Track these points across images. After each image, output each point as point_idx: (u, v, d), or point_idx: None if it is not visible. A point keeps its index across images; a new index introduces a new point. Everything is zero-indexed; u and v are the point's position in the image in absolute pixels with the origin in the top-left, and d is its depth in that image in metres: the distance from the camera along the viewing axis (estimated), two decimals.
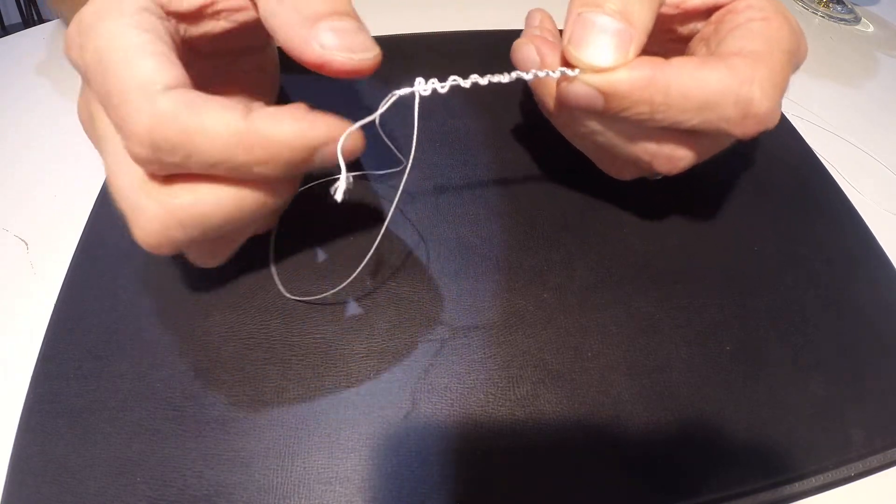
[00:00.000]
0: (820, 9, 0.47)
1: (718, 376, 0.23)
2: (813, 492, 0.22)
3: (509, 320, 0.25)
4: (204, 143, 0.18)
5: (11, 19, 1.39)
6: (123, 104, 0.18)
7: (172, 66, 0.19)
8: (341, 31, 0.19)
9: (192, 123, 0.18)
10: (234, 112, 0.18)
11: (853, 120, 0.37)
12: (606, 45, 0.19)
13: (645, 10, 0.20)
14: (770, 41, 0.21)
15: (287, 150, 0.18)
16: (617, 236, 0.28)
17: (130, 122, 0.18)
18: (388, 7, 0.44)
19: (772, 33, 0.21)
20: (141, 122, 0.18)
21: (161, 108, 0.18)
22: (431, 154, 0.31)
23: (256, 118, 0.18)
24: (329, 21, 0.19)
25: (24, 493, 0.20)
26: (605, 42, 0.20)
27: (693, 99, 0.20)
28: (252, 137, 0.18)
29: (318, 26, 0.19)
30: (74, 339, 0.24)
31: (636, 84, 0.20)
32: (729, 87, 0.20)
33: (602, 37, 0.20)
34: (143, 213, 0.19)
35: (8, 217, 0.30)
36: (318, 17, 0.19)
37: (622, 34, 0.19)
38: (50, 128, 0.35)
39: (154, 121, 0.18)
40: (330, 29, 0.19)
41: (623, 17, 0.20)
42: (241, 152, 0.18)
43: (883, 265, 0.28)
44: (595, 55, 0.20)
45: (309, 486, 0.21)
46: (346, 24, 0.19)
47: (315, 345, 0.24)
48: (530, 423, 0.22)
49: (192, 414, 0.22)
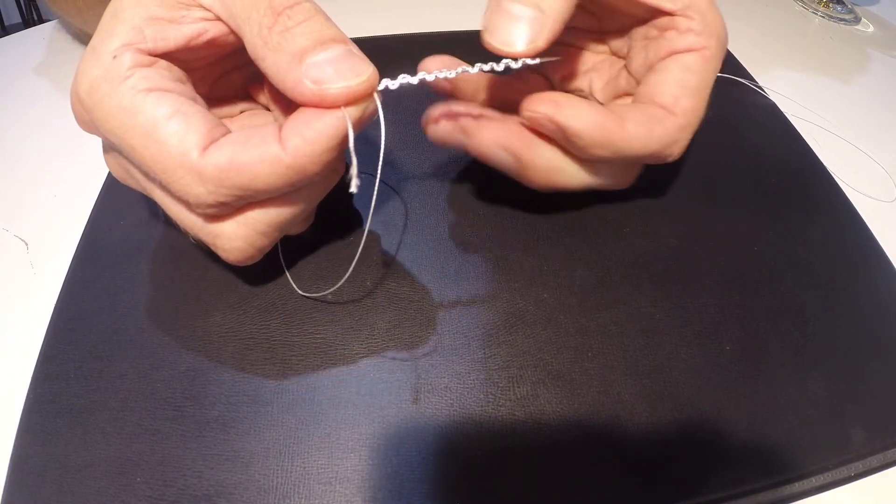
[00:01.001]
0: (820, 9, 0.47)
1: (718, 376, 0.23)
2: (813, 492, 0.22)
3: (509, 320, 0.25)
4: (258, 185, 0.19)
5: (11, 19, 1.40)
6: (169, 180, 0.19)
7: (193, 116, 0.19)
8: (329, 62, 0.19)
9: (243, 177, 0.19)
10: (272, 144, 0.19)
11: (853, 120, 0.37)
12: (519, 32, 0.21)
13: (559, 1, 0.21)
14: (699, 88, 0.23)
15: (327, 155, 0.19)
16: (617, 236, 0.28)
17: (183, 194, 0.19)
18: (388, 7, 0.44)
19: (704, 74, 0.23)
20: (193, 192, 0.19)
21: (208, 175, 0.19)
22: (432, 154, 0.31)
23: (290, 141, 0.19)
24: (314, 54, 0.18)
25: (24, 493, 0.20)
26: (518, 28, 0.21)
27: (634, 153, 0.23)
28: (296, 161, 0.19)
29: (305, 63, 0.18)
30: (75, 339, 0.24)
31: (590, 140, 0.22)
32: (658, 147, 0.23)
33: (515, 23, 0.21)
34: (224, 237, 0.21)
35: (8, 217, 0.30)
36: (303, 53, 0.18)
37: (534, 21, 0.21)
38: (50, 128, 0.35)
39: (205, 189, 0.19)
40: (317, 63, 0.18)
41: (534, 4, 0.21)
42: (293, 174, 0.19)
43: (883, 265, 0.28)
44: (507, 40, 0.21)
45: (309, 486, 0.21)
46: (331, 53, 0.19)
47: (315, 345, 0.24)
48: (530, 423, 0.22)
49: (192, 414, 0.22)
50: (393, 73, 0.20)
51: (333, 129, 0.19)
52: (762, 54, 0.41)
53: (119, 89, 0.19)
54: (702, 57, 0.23)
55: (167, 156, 0.19)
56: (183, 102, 0.19)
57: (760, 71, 0.38)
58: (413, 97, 0.21)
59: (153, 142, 0.19)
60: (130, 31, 0.20)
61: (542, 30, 0.21)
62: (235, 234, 0.21)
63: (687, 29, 0.23)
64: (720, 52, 0.24)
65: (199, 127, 0.19)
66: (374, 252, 0.27)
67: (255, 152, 0.19)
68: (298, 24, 0.19)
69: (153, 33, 0.20)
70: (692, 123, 0.24)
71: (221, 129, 0.20)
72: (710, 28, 0.23)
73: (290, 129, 0.19)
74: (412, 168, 0.30)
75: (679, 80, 0.23)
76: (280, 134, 0.19)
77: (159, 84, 0.19)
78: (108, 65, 0.19)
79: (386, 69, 0.20)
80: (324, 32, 0.19)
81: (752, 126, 0.34)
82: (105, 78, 0.19)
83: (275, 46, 0.19)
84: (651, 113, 0.23)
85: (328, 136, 0.19)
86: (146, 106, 0.19)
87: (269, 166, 0.19)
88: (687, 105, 0.23)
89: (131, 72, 0.19)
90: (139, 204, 0.29)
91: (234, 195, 0.19)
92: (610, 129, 0.22)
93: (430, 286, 0.26)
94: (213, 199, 0.19)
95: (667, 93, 0.23)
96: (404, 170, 0.30)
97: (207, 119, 0.19)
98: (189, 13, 0.20)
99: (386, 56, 0.20)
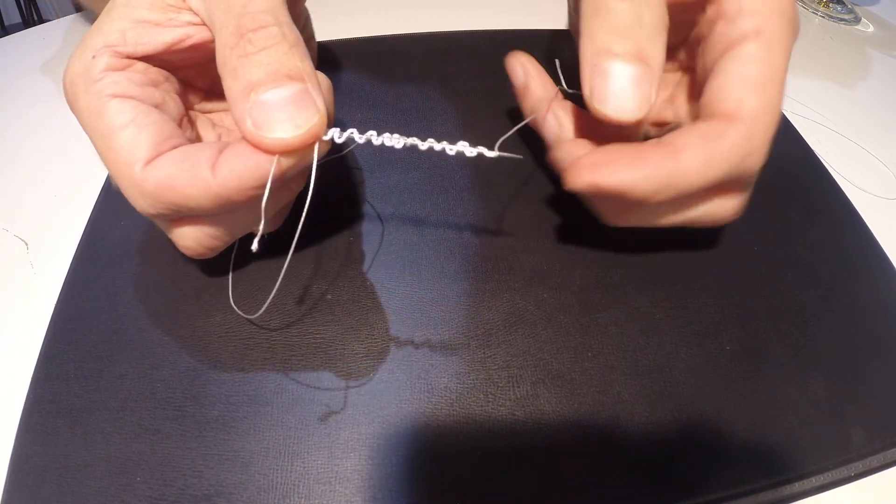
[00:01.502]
0: (820, 9, 0.47)
1: (718, 376, 0.23)
2: (813, 492, 0.22)
3: (509, 320, 0.25)
4: (190, 205, 0.19)
5: (11, 19, 1.39)
6: (120, 187, 0.20)
7: (147, 127, 0.19)
8: (275, 105, 0.17)
9: (175, 196, 0.19)
10: (203, 169, 0.18)
11: (853, 120, 0.37)
12: (629, 94, 0.19)
13: (657, 46, 0.19)
14: (766, 81, 0.20)
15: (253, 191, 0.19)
16: (617, 236, 0.28)
17: (130, 201, 0.20)
18: (388, 7, 0.44)
19: (770, 62, 0.20)
20: (137, 202, 0.20)
21: (146, 189, 0.19)
22: (432, 154, 0.31)
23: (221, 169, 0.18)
24: (264, 90, 0.17)
25: (24, 493, 0.20)
26: (628, 90, 0.19)
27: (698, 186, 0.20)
28: (223, 191, 0.18)
29: (251, 99, 0.17)
30: (75, 339, 0.24)
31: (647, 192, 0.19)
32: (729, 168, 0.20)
33: (624, 85, 0.19)
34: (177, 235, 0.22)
35: (8, 217, 0.30)
36: (254, 86, 0.17)
37: (641, 78, 0.19)
38: (50, 128, 0.35)
39: (145, 202, 0.19)
40: (262, 102, 0.17)
41: (639, 59, 0.18)
42: (222, 201, 0.19)
43: (883, 265, 0.28)
44: (620, 107, 0.19)
45: (309, 486, 0.21)
46: (282, 93, 0.17)
47: (315, 345, 0.24)
48: (530, 423, 0.22)
49: (192, 414, 0.22)
50: (391, 73, 0.20)
51: (260, 171, 0.18)
52: None
53: (90, 90, 0.19)
54: (763, 42, 0.20)
55: (116, 164, 0.19)
56: (141, 111, 0.19)
57: None
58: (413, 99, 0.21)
59: (108, 148, 0.19)
60: (115, 32, 0.20)
61: (651, 84, 0.19)
62: (187, 234, 0.22)
63: (737, 12, 0.20)
64: (787, 30, 0.20)
65: (149, 139, 0.19)
66: (374, 252, 0.27)
67: (187, 176, 0.19)
68: (259, 52, 0.18)
69: (134, 37, 0.20)
70: (766, 125, 0.20)
71: (172, 142, 0.20)
72: (765, 3, 0.20)
73: (226, 157, 0.18)
74: (412, 168, 0.30)
75: (740, 77, 0.20)
76: (216, 159, 0.18)
77: (125, 90, 0.20)
78: (86, 63, 0.20)
79: (385, 69, 0.20)
80: (282, 65, 0.18)
81: None
82: (82, 75, 0.20)
83: (231, 70, 0.18)
84: (706, 132, 0.20)
85: (253, 177, 0.18)
86: (107, 112, 0.19)
87: (199, 191, 0.19)
88: (754, 105, 0.19)
89: (102, 75, 0.20)
90: None
91: (171, 209, 0.19)
92: (662, 169, 0.19)
93: (430, 286, 0.26)
94: (154, 210, 0.20)
95: (728, 98, 0.20)
96: (404, 169, 0.30)
97: (161, 130, 0.20)
98: (178, 16, 0.20)
99: (386, 56, 0.20)
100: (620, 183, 0.19)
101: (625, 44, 0.19)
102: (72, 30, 0.42)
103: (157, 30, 0.20)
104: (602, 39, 0.19)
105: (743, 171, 0.20)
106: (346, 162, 0.23)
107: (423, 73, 0.33)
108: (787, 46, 0.20)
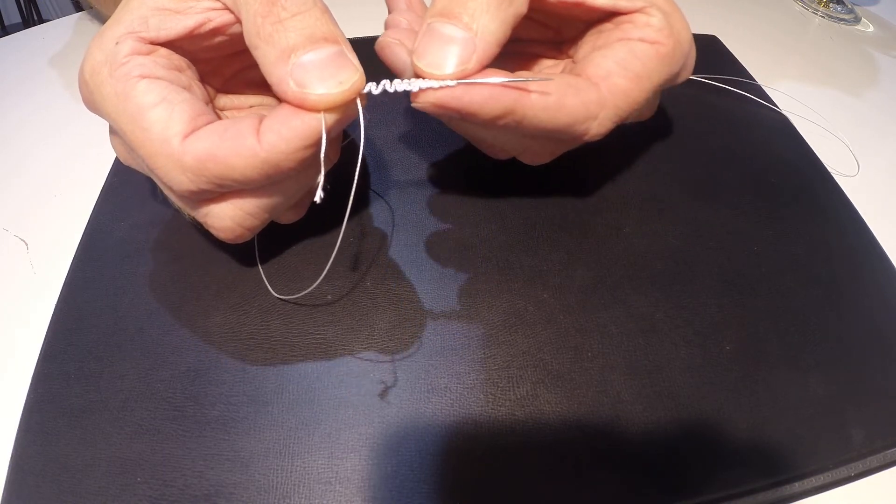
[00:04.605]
0: (820, 9, 0.47)
1: (718, 376, 0.23)
2: (813, 492, 0.22)
3: (509, 320, 0.25)
4: (235, 176, 0.19)
5: (11, 19, 1.40)
6: (153, 166, 0.20)
7: (179, 104, 0.19)
8: (315, 65, 0.18)
9: (219, 167, 0.19)
10: (248, 137, 0.19)
11: (853, 120, 0.37)
12: (448, 55, 0.19)
13: (493, 21, 0.20)
14: (640, 76, 0.22)
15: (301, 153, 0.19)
16: (616, 236, 0.28)
17: (166, 180, 0.20)
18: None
19: (650, 65, 0.22)
20: (175, 179, 0.19)
21: (187, 163, 0.19)
22: (431, 154, 0.31)
23: (266, 136, 0.19)
24: (302, 53, 0.18)
25: (24, 493, 0.20)
26: (448, 51, 0.19)
27: (544, 129, 0.21)
28: (271, 156, 0.19)
29: (291, 62, 0.18)
30: (75, 340, 0.24)
31: (491, 116, 0.20)
32: (572, 123, 0.21)
33: (445, 47, 0.19)
34: (214, 216, 0.21)
35: (8, 217, 0.30)
36: (291, 49, 0.18)
37: (466, 43, 0.19)
38: (50, 128, 0.35)
39: (185, 177, 0.19)
40: (303, 63, 0.18)
41: (467, 28, 0.19)
42: (269, 169, 0.19)
43: (883, 265, 0.28)
44: (436, 62, 0.19)
45: (309, 486, 0.21)
46: (320, 54, 0.18)
47: (315, 345, 0.24)
48: (530, 423, 0.22)
49: (192, 414, 0.22)
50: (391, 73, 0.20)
51: (309, 129, 0.18)
52: (762, 54, 0.41)
53: (115, 74, 0.19)
54: (654, 50, 0.22)
55: (150, 142, 0.19)
56: (171, 90, 0.20)
57: (760, 71, 0.38)
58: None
59: (139, 128, 0.19)
60: (136, 20, 0.20)
61: (473, 52, 0.19)
62: (224, 213, 0.21)
63: (645, 24, 0.22)
64: (677, 56, 0.22)
65: (183, 115, 0.19)
66: (374, 252, 0.27)
67: (232, 144, 0.19)
68: (292, 17, 0.19)
69: (157, 23, 0.20)
70: (620, 106, 0.22)
71: (206, 118, 0.20)
72: (671, 28, 0.22)
73: (269, 124, 0.19)
74: (412, 168, 0.30)
75: (620, 59, 0.21)
76: (259, 127, 0.19)
77: (152, 71, 0.20)
78: (109, 50, 0.20)
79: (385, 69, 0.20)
80: (317, 29, 0.19)
81: (752, 126, 0.34)
82: (105, 62, 0.20)
83: (266, 37, 0.19)
84: (569, 82, 0.21)
85: (303, 137, 0.19)
86: (135, 92, 0.19)
87: (245, 160, 0.19)
88: (619, 84, 0.21)
89: (128, 59, 0.20)
90: (139, 204, 0.29)
91: (213, 183, 0.19)
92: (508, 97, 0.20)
93: (430, 286, 0.26)
94: (194, 186, 0.19)
95: (601, 66, 0.22)
96: (404, 169, 0.30)
97: (194, 107, 0.20)
98: (197, 4, 0.21)
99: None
100: (469, 104, 0.20)
101: (460, 9, 0.20)
102: (73, 29, 0.42)
103: (177, 16, 0.20)
104: (443, 4, 0.20)
105: (579, 130, 0.22)
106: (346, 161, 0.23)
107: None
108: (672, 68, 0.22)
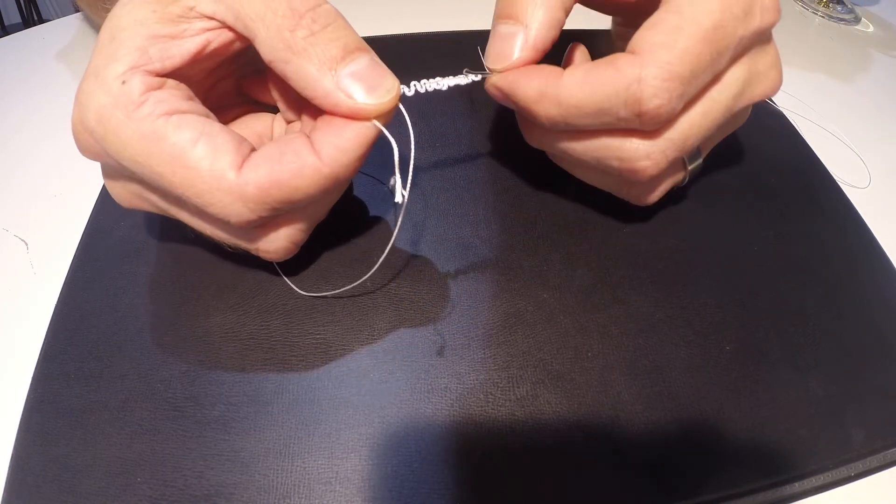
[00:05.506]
0: (820, 9, 0.47)
1: (718, 376, 0.23)
2: (813, 492, 0.22)
3: (509, 320, 0.25)
4: (299, 197, 0.19)
5: (11, 19, 1.39)
6: (206, 203, 0.19)
7: (217, 136, 0.19)
8: (359, 76, 0.19)
9: (283, 191, 0.19)
10: (308, 156, 0.19)
11: (853, 119, 0.37)
12: (508, 47, 0.22)
13: (538, 12, 0.21)
14: (678, 27, 0.19)
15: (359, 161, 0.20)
16: (617, 236, 0.28)
17: (223, 215, 0.19)
18: (388, 7, 0.44)
19: (688, 12, 0.20)
20: (234, 212, 0.19)
21: (249, 194, 0.19)
22: (431, 155, 0.31)
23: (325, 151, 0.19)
24: (344, 65, 0.19)
25: (24, 493, 0.20)
26: (508, 44, 0.22)
27: (585, 108, 0.21)
28: (334, 170, 0.19)
29: (339, 75, 0.19)
30: (75, 340, 0.24)
31: (530, 98, 0.22)
32: (615, 92, 0.20)
33: (505, 41, 0.22)
34: (267, 241, 0.22)
35: (8, 217, 0.30)
36: (333, 62, 0.19)
37: (520, 37, 0.22)
38: (50, 128, 0.35)
39: (247, 208, 0.19)
40: (348, 75, 0.19)
41: (518, 22, 0.22)
42: (330, 183, 0.20)
43: (883, 265, 0.28)
44: (490, 57, 0.23)
45: (309, 486, 0.21)
46: (359, 64, 0.19)
47: (315, 345, 0.24)
48: (530, 423, 0.22)
49: (192, 414, 0.22)
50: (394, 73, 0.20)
51: (364, 138, 0.19)
52: None
53: (135, 116, 0.18)
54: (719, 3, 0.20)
55: (200, 180, 0.18)
56: (204, 123, 0.19)
57: None
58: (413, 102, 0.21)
59: (182, 168, 0.18)
60: (134, 52, 0.19)
61: (526, 43, 0.22)
62: (280, 236, 0.22)
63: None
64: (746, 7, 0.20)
65: (227, 146, 0.19)
66: (374, 252, 0.27)
67: (293, 166, 0.19)
68: (324, 29, 0.19)
69: (158, 53, 0.19)
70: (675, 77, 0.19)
71: (247, 145, 0.20)
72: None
73: (322, 139, 0.19)
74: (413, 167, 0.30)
75: (672, 26, 0.19)
76: (312, 145, 0.19)
77: (176, 106, 0.19)
78: (116, 91, 0.18)
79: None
80: (349, 39, 0.19)
81: (752, 126, 0.34)
82: (116, 105, 0.18)
83: (300, 51, 0.19)
84: (605, 62, 0.20)
85: (360, 145, 0.19)
86: (168, 131, 0.18)
87: (309, 179, 0.19)
88: (670, 56, 0.19)
89: (145, 97, 0.19)
90: None
91: (275, 209, 0.20)
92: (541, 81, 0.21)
93: (430, 286, 0.26)
94: (255, 214, 0.19)
95: (647, 39, 0.20)
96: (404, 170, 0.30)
97: (232, 137, 0.19)
98: (190, 26, 0.20)
99: (385, 56, 0.20)
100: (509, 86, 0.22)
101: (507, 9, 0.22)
102: (73, 29, 0.42)
103: (176, 42, 0.19)
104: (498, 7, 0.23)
105: (630, 113, 0.20)
106: None
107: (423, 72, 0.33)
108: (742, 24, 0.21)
